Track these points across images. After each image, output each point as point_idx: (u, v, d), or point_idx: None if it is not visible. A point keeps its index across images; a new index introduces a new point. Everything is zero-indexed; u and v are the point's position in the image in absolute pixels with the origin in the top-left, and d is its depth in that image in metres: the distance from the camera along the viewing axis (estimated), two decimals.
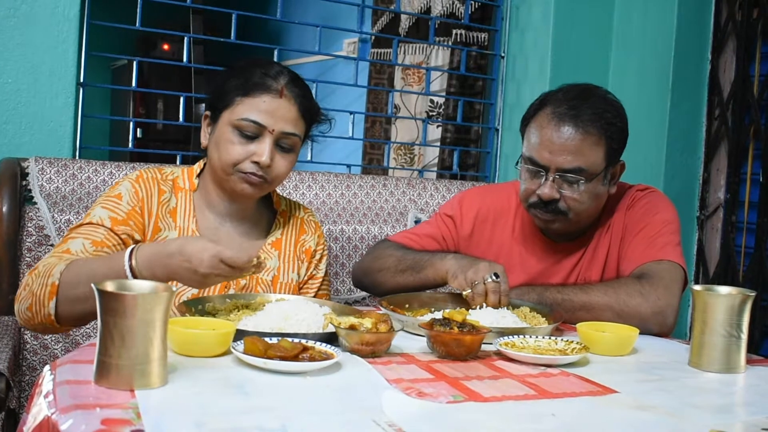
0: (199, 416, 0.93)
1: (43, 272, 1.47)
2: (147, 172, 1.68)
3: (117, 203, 1.61)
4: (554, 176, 1.76)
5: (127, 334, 1.00)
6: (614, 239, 1.89)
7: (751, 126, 3.09)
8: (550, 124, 1.76)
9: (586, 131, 1.74)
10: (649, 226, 1.84)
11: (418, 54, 3.78)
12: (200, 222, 1.69)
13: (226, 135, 1.61)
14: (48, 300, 1.44)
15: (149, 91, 5.05)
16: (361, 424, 0.94)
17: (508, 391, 1.14)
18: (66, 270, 1.44)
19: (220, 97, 1.65)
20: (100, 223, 1.58)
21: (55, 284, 1.43)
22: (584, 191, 1.77)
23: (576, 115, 1.75)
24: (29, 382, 1.97)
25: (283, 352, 1.15)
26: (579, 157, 1.74)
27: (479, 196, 2.06)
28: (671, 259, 1.77)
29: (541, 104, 1.83)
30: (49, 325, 1.47)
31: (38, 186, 2.05)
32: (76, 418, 0.89)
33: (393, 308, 1.60)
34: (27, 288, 1.48)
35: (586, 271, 1.89)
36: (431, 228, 2.04)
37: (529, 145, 1.80)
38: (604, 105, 1.80)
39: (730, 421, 1.11)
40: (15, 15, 2.19)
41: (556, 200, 1.77)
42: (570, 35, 3.17)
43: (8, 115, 2.20)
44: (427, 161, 3.72)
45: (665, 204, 1.92)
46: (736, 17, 3.14)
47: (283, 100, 1.62)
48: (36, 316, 1.46)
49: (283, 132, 1.62)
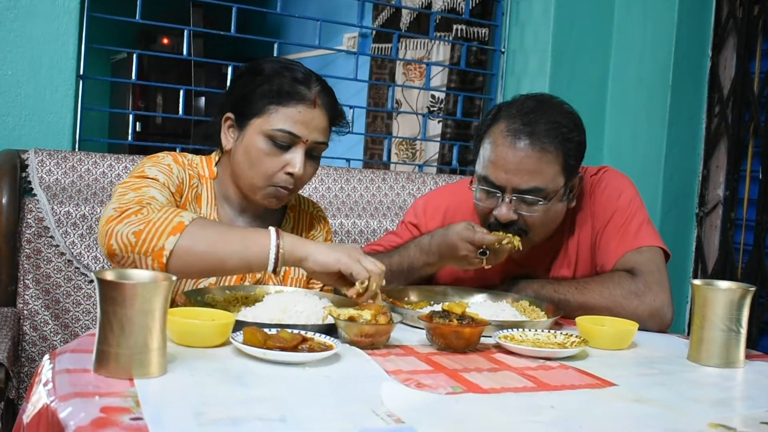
0: (198, 406, 0.93)
1: (162, 208, 1.41)
2: (179, 155, 1.66)
3: (170, 172, 1.58)
4: (511, 197, 1.68)
5: (127, 324, 1.00)
6: (583, 233, 1.84)
7: (751, 123, 3.09)
8: (504, 141, 1.67)
9: (542, 148, 1.66)
10: (618, 212, 1.80)
11: (419, 49, 3.78)
12: (220, 212, 1.68)
13: (258, 144, 1.58)
14: (169, 234, 1.36)
15: (149, 84, 5.03)
16: (361, 414, 0.95)
17: (507, 383, 1.14)
18: (197, 219, 1.40)
19: (247, 103, 1.61)
20: (166, 185, 1.54)
21: (183, 224, 1.37)
22: (543, 210, 1.69)
23: (531, 132, 1.66)
24: (28, 373, 1.97)
25: (282, 342, 1.15)
26: (536, 176, 1.66)
27: (443, 196, 2.00)
28: (649, 243, 1.75)
29: (495, 118, 1.74)
30: (150, 259, 1.36)
31: (38, 178, 2.05)
32: (75, 405, 0.89)
33: (392, 301, 1.60)
34: (139, 214, 1.39)
35: (560, 269, 1.86)
36: (397, 238, 1.96)
37: (484, 163, 1.71)
38: (560, 118, 1.71)
39: (728, 415, 1.11)
40: (15, 7, 2.19)
41: (514, 221, 1.70)
42: (570, 31, 3.17)
43: (8, 107, 2.20)
44: (428, 156, 3.72)
45: (623, 181, 1.87)
46: (736, 14, 3.14)
47: (317, 110, 1.60)
48: (141, 245, 1.35)
49: (316, 141, 1.61)
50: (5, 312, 1.92)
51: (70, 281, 2.04)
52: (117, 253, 1.38)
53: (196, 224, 1.39)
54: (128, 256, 1.37)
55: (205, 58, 3.20)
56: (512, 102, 1.77)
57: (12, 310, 1.95)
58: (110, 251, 1.39)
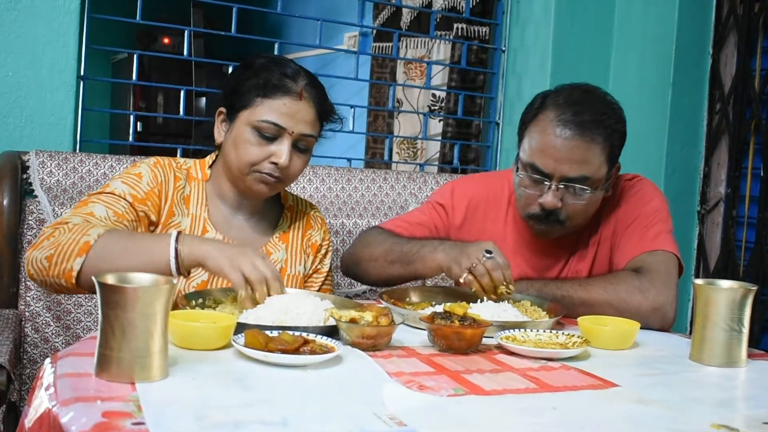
0: (200, 409, 0.93)
1: (73, 229, 1.44)
2: (163, 159, 1.69)
3: (137, 181, 1.61)
4: (558, 185, 1.72)
5: (128, 327, 1.00)
6: (605, 231, 1.87)
7: (752, 120, 3.09)
8: (554, 130, 1.70)
9: (592, 138, 1.70)
10: (641, 217, 1.83)
11: (420, 48, 3.77)
12: (212, 211, 1.70)
13: (245, 135, 1.62)
14: (76, 256, 1.39)
15: (149, 85, 5.04)
16: (362, 417, 0.94)
17: (509, 385, 1.14)
18: (104, 235, 1.42)
19: (237, 96, 1.65)
20: (122, 196, 1.58)
21: (89, 243, 1.40)
22: (587, 200, 1.74)
23: (581, 122, 1.70)
24: (30, 375, 1.97)
25: (283, 345, 1.15)
26: (584, 165, 1.70)
27: (472, 185, 2.02)
28: (664, 248, 1.77)
29: (542, 106, 1.76)
30: (63, 280, 1.41)
31: (39, 179, 2.05)
32: (77, 410, 0.89)
33: (394, 302, 1.60)
34: (51, 238, 1.44)
35: (578, 263, 1.87)
36: (422, 216, 1.99)
37: (531, 151, 1.74)
38: (607, 110, 1.76)
39: (731, 414, 1.11)
40: (16, 8, 2.19)
41: (557, 210, 1.73)
42: (571, 29, 3.17)
43: (9, 108, 2.20)
44: (429, 156, 3.72)
45: (654, 192, 1.90)
46: (737, 11, 3.14)
47: (303, 102, 1.63)
48: (53, 268, 1.41)
49: (302, 134, 1.63)
50: (7, 314, 1.92)
51: None
52: (36, 278, 1.45)
53: (102, 241, 1.41)
54: (45, 280, 1.44)
55: (205, 58, 3.19)
56: (558, 91, 1.80)
57: (13, 312, 1.95)
58: (30, 277, 1.47)
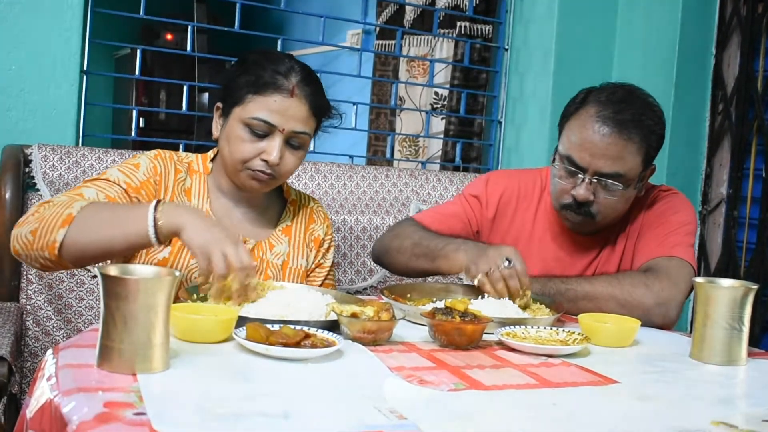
0: (201, 401, 0.93)
1: (57, 203, 1.45)
2: (164, 152, 1.71)
3: (134, 171, 1.63)
4: (591, 179, 1.74)
5: (130, 319, 1.00)
6: (631, 236, 1.89)
7: (755, 121, 3.09)
8: (594, 125, 1.73)
9: (629, 137, 1.72)
10: (665, 225, 1.84)
11: (423, 46, 3.77)
12: (213, 203, 1.72)
13: (237, 132, 1.63)
14: (59, 227, 1.41)
15: (152, 80, 5.03)
16: (363, 410, 0.95)
17: (509, 380, 1.14)
18: (87, 206, 1.44)
19: (231, 92, 1.66)
20: (116, 182, 1.59)
21: (71, 215, 1.41)
22: (619, 196, 1.76)
23: (621, 120, 1.72)
24: (31, 368, 1.98)
25: (285, 338, 1.15)
26: (618, 162, 1.72)
27: (505, 178, 2.04)
28: (681, 257, 1.77)
29: (584, 102, 1.80)
30: (46, 252, 1.42)
31: (41, 173, 2.05)
32: (79, 400, 0.89)
33: (395, 297, 1.60)
34: (36, 214, 1.46)
35: (604, 266, 1.89)
36: (456, 208, 2.01)
37: (569, 144, 1.77)
38: (647, 111, 1.78)
39: (730, 412, 1.11)
40: (19, 2, 2.19)
41: (589, 203, 1.76)
42: (574, 28, 3.16)
43: (12, 102, 2.20)
44: (431, 153, 3.72)
45: (685, 206, 1.91)
46: (740, 12, 3.14)
47: (294, 100, 1.63)
48: (37, 241, 1.42)
49: (294, 131, 1.64)
50: (8, 307, 1.92)
51: (73, 277, 2.04)
52: (20, 253, 1.46)
53: (84, 212, 1.43)
54: (29, 254, 1.45)
55: (208, 54, 3.19)
56: (601, 89, 1.82)
57: (15, 305, 1.95)
58: (15, 252, 1.48)
